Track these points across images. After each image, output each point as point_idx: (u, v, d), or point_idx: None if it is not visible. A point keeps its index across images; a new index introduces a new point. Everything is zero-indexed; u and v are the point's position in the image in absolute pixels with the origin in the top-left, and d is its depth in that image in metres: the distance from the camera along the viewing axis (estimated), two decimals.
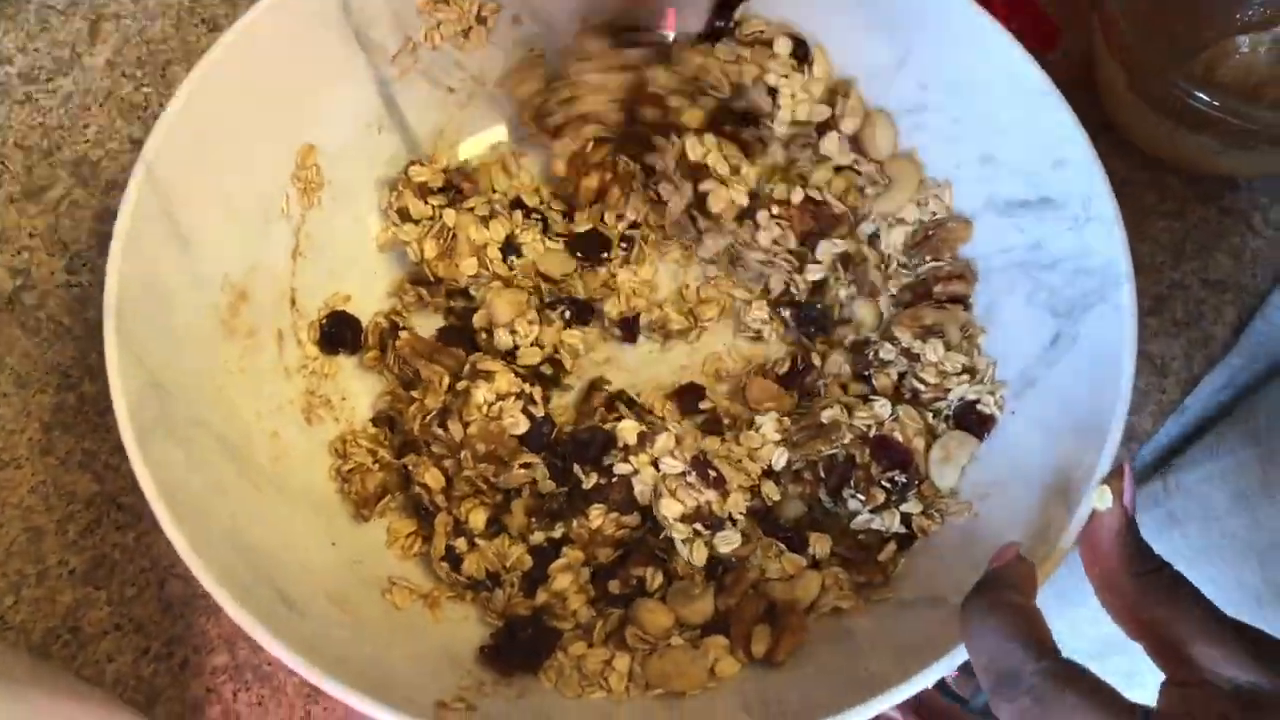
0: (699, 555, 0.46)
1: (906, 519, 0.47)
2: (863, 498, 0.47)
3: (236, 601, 0.36)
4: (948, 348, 0.49)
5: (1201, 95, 0.52)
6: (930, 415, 0.49)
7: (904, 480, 0.47)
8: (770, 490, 0.49)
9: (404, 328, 0.51)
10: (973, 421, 0.48)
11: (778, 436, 0.49)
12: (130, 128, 0.59)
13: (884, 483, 0.47)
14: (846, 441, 0.48)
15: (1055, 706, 0.31)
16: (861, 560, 0.47)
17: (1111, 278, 0.43)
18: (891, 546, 0.47)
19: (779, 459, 0.49)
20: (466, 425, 0.47)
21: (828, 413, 0.48)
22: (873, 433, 0.48)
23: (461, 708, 0.38)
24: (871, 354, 0.51)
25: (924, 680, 0.37)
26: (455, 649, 0.44)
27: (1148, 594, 0.36)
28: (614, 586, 0.47)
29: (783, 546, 0.47)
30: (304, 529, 0.45)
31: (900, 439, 0.48)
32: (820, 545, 0.47)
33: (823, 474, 0.48)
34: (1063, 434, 0.43)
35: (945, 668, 0.37)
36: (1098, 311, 0.44)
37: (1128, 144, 0.59)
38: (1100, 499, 0.38)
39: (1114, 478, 0.38)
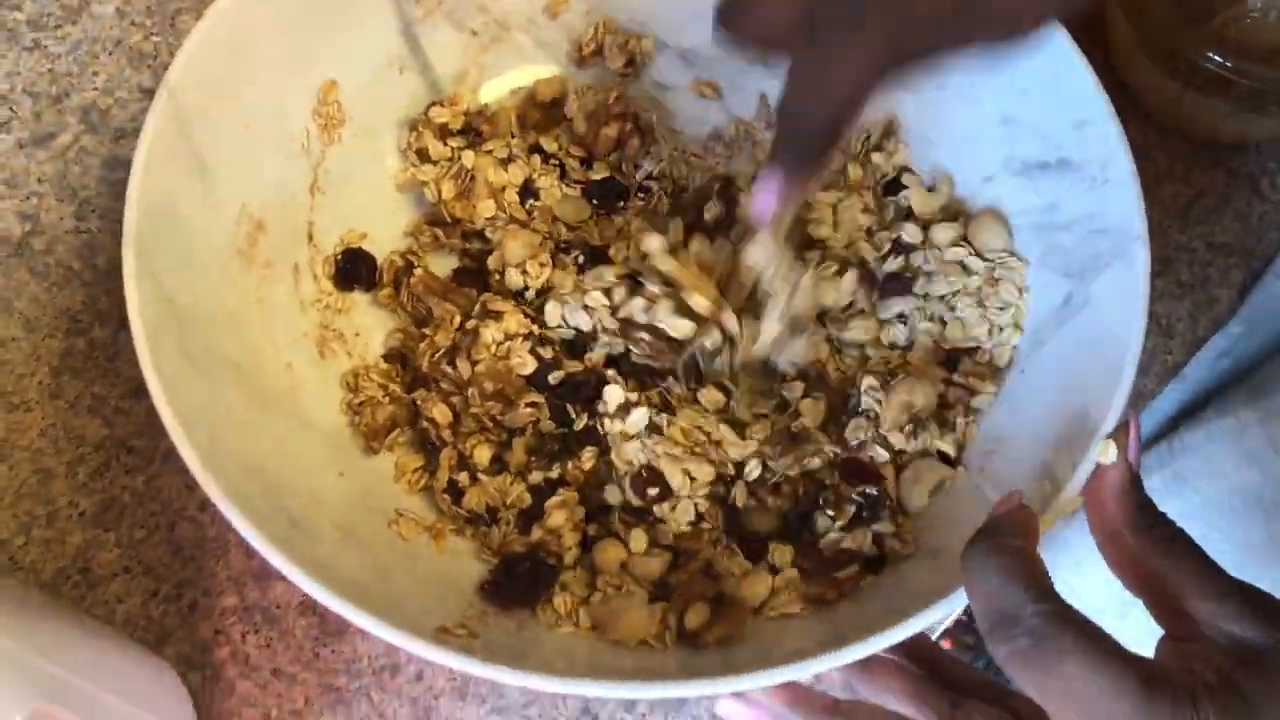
0: (637, 541, 0.46)
1: (879, 539, 0.46)
2: (832, 513, 0.46)
3: (246, 518, 0.36)
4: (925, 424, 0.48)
5: (1214, 57, 0.52)
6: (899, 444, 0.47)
7: (875, 494, 0.46)
8: (740, 494, 0.47)
9: (418, 266, 0.52)
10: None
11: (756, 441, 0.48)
12: (140, 76, 0.59)
13: (855, 497, 0.46)
14: (817, 466, 0.47)
15: (1052, 648, 0.31)
16: (820, 575, 0.45)
17: (1126, 239, 0.43)
18: (853, 567, 0.45)
19: (752, 470, 0.47)
20: (475, 363, 0.47)
21: (800, 422, 0.47)
22: (841, 455, 0.47)
23: (464, 634, 0.38)
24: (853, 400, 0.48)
25: (912, 627, 0.37)
26: (458, 580, 0.44)
27: (1148, 548, 0.36)
28: (593, 529, 0.47)
29: (735, 549, 0.46)
30: (314, 459, 0.45)
31: (868, 460, 0.47)
32: (780, 555, 0.46)
33: (801, 492, 0.47)
34: (1071, 393, 0.43)
35: (935, 616, 0.37)
36: (1111, 273, 0.44)
37: (1137, 108, 0.60)
38: (1105, 453, 0.38)
39: (1119, 433, 0.39)
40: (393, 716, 0.48)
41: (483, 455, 0.48)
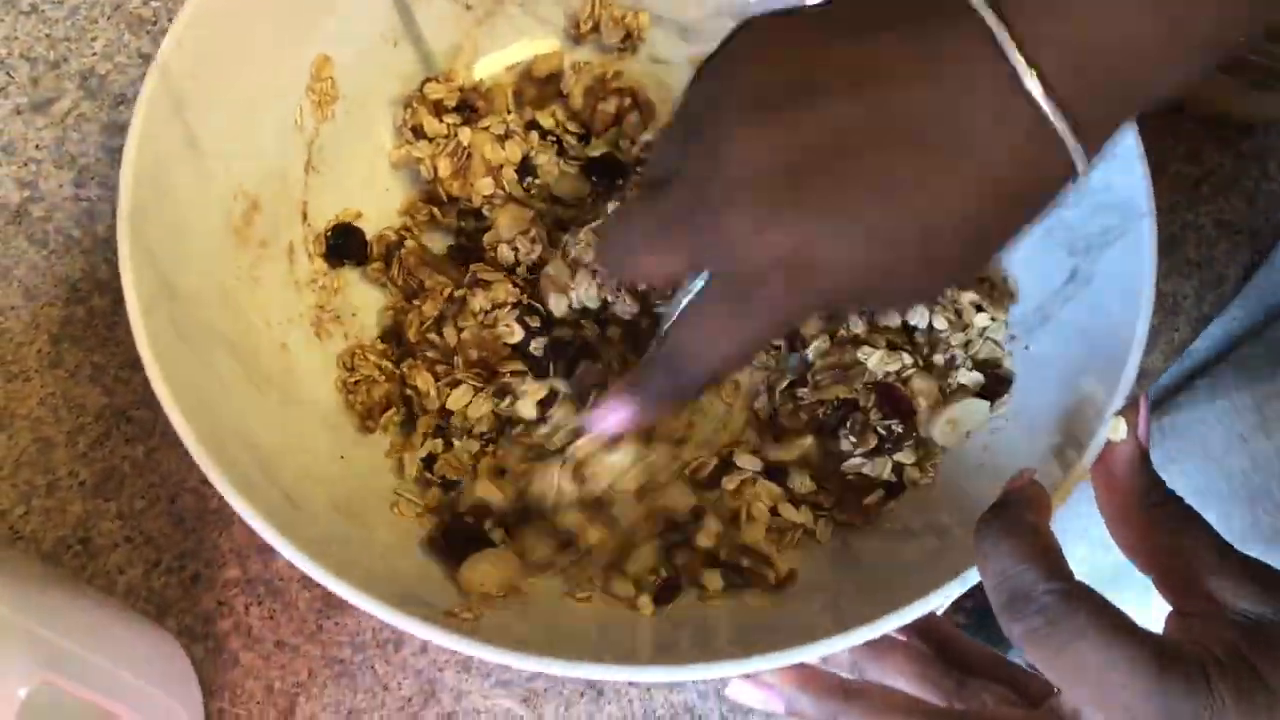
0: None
1: (899, 468, 0.47)
2: (855, 439, 0.47)
3: (243, 497, 0.36)
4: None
5: None
6: (946, 377, 0.48)
7: (900, 430, 0.47)
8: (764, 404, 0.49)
9: (410, 240, 0.51)
10: (991, 379, 0.48)
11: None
12: (139, 42, 0.58)
13: (879, 429, 0.47)
14: (858, 387, 0.48)
15: (1066, 626, 0.31)
16: (846, 501, 0.47)
17: (1133, 214, 0.43)
18: (879, 493, 0.46)
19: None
20: (461, 331, 0.47)
21: (866, 351, 0.48)
22: (883, 378, 0.47)
23: (470, 618, 0.38)
24: None
25: (921, 608, 0.37)
26: None
27: (1159, 525, 0.36)
28: None
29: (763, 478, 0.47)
30: (312, 440, 0.45)
31: (906, 392, 0.47)
32: (801, 482, 0.47)
33: (824, 415, 0.48)
34: (1077, 369, 0.43)
35: (946, 596, 0.37)
36: (1117, 249, 0.44)
37: None
38: (1114, 430, 0.38)
39: (1129, 410, 0.39)
40: (396, 689, 0.48)
41: (470, 408, 0.47)
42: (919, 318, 0.49)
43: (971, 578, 0.36)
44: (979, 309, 0.48)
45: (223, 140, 0.45)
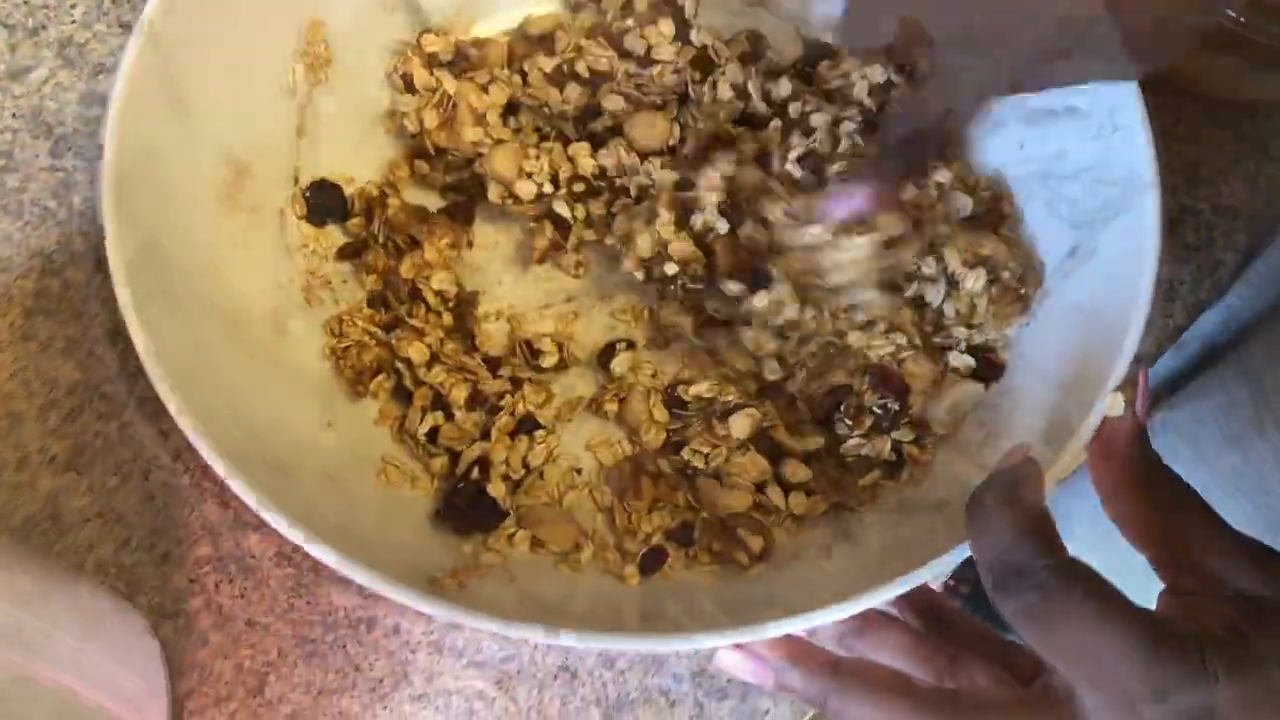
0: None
1: (898, 447, 0.46)
2: (850, 423, 0.46)
3: (230, 463, 0.35)
4: (991, 283, 0.47)
5: (1229, 12, 0.51)
6: (941, 356, 0.48)
7: (895, 409, 0.46)
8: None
9: (392, 197, 0.50)
10: (984, 365, 0.47)
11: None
12: (119, 10, 0.57)
13: (875, 409, 0.46)
14: (851, 368, 0.46)
15: (1062, 603, 0.31)
16: (844, 484, 0.46)
17: (1134, 189, 0.42)
18: (876, 473, 0.46)
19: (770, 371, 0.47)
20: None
21: (855, 335, 0.47)
22: (877, 360, 0.46)
23: (454, 585, 0.38)
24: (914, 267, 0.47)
25: (912, 581, 0.36)
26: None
27: (1157, 502, 0.35)
28: None
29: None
30: (300, 408, 0.44)
31: (901, 373, 0.46)
32: (796, 471, 0.46)
33: (820, 398, 0.47)
34: (1077, 344, 0.42)
35: (937, 570, 0.37)
36: (1119, 224, 0.43)
37: None
38: (1112, 407, 0.37)
39: (1127, 386, 0.38)
40: (369, 669, 0.47)
41: (459, 394, 0.47)
42: (934, 295, 0.47)
43: (964, 551, 0.36)
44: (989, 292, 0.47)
45: (212, 104, 0.44)
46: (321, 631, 0.47)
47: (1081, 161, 0.45)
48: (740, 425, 0.46)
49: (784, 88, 0.50)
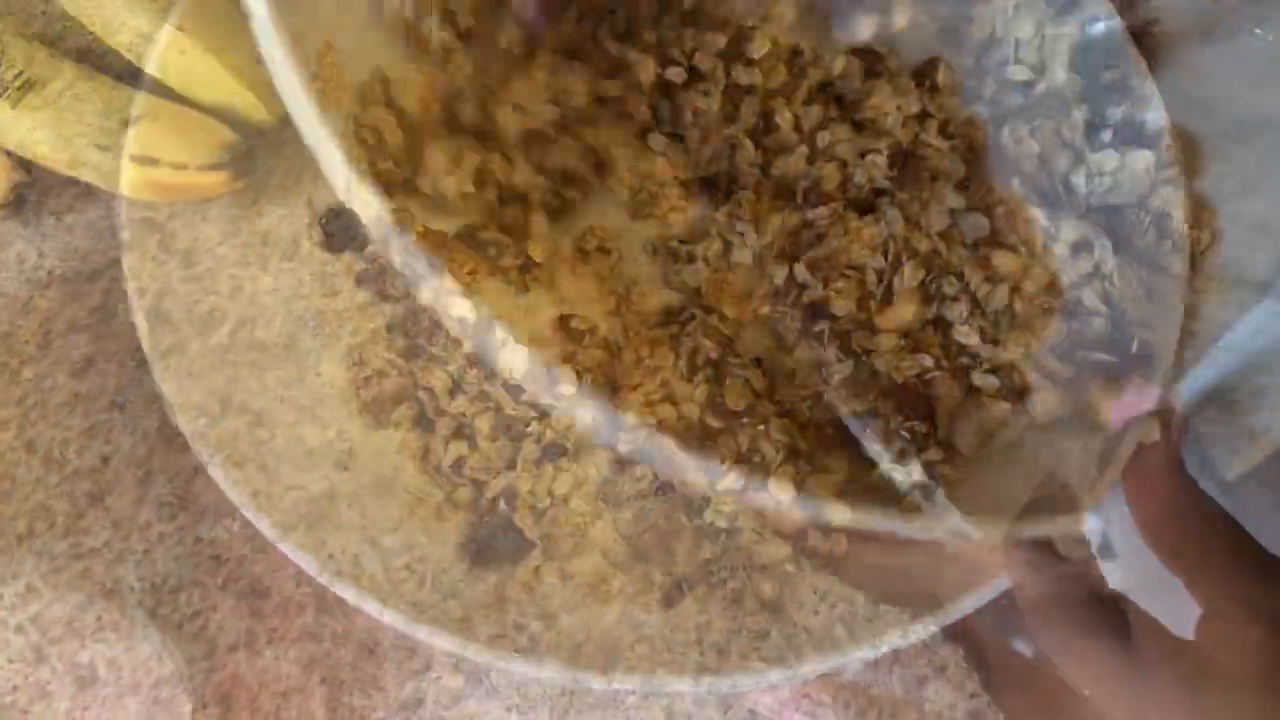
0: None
1: (929, 467, 0.45)
2: (879, 446, 0.45)
3: (242, 491, 0.36)
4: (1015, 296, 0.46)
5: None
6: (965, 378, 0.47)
7: (923, 431, 0.45)
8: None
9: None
10: (1009, 388, 0.46)
11: None
12: None
13: (903, 433, 0.45)
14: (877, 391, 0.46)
15: (1093, 636, 0.31)
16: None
17: (1159, 185, 0.42)
18: (913, 498, 0.45)
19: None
20: None
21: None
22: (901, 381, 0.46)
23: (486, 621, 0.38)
24: (934, 286, 0.47)
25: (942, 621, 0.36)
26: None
27: (1191, 529, 0.35)
28: None
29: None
30: (320, 437, 0.45)
31: (928, 395, 0.46)
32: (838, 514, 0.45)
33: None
34: (1108, 363, 0.42)
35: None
36: (1148, 229, 0.43)
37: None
38: (1147, 433, 0.37)
39: (1162, 411, 0.38)
40: (386, 693, 0.47)
41: (483, 423, 0.46)
42: (956, 314, 0.47)
43: (1001, 583, 0.35)
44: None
45: None
46: (339, 653, 0.47)
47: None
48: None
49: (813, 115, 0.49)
